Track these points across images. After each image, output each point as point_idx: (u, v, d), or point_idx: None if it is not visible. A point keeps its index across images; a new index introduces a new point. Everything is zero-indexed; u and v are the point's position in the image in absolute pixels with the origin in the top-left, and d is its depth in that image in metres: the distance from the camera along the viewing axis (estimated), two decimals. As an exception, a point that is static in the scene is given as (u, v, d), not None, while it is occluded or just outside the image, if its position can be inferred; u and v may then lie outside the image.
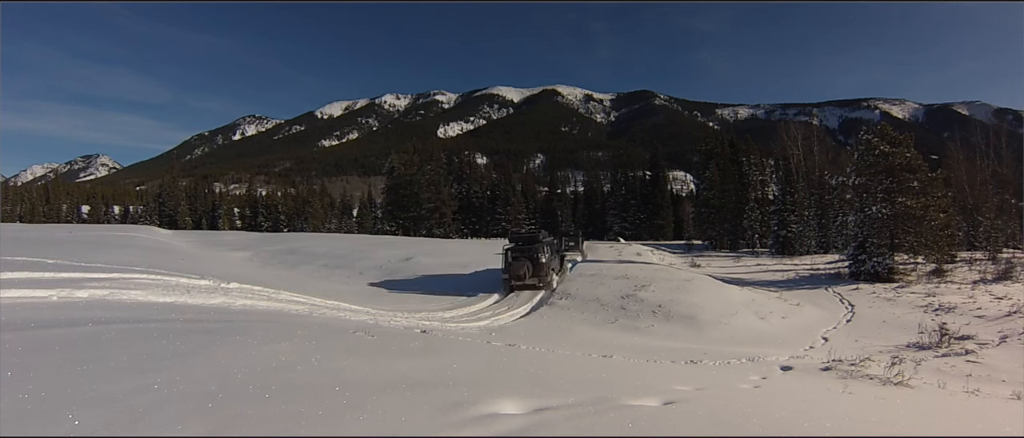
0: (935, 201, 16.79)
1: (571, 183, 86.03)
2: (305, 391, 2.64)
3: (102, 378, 2.46)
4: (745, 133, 59.48)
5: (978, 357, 8.87)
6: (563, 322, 11.03)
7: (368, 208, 74.03)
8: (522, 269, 14.05)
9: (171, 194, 66.19)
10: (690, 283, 14.33)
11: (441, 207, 49.82)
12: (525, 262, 14.20)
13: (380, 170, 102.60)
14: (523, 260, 14.25)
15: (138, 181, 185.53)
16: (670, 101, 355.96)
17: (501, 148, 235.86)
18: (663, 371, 5.68)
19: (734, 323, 11.12)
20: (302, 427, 2.19)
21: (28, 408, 2.03)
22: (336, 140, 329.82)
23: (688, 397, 3.83)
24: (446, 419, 2.50)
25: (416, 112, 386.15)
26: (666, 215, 57.65)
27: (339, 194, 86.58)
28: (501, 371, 3.94)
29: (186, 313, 4.50)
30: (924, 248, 16.89)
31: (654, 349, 8.43)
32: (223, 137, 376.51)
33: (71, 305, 4.47)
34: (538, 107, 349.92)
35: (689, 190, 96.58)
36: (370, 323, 6.46)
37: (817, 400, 4.71)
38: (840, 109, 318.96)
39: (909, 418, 4.35)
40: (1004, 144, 26.47)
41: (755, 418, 3.39)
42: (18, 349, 2.78)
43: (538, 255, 14.44)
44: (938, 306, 13.02)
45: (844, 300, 14.51)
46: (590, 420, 2.76)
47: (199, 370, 2.77)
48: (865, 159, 17.76)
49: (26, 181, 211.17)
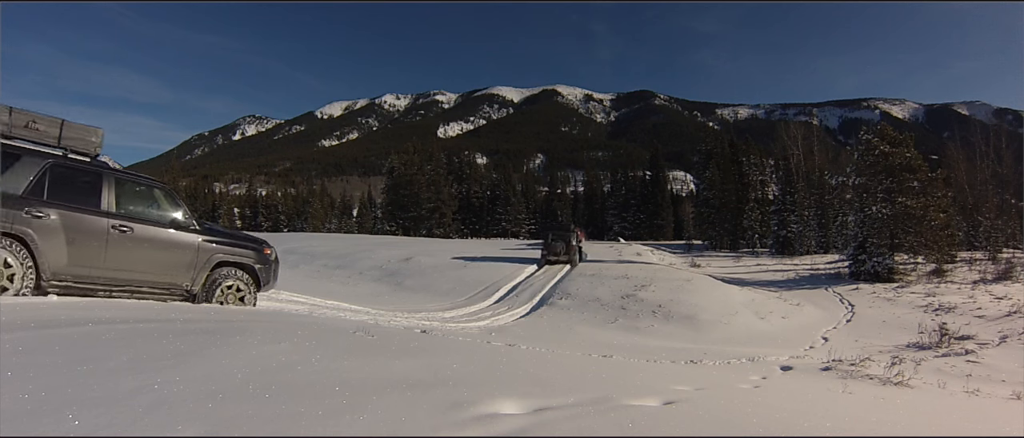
0: (935, 201, 16.80)
1: (571, 183, 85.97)
2: (305, 391, 2.64)
3: (102, 378, 2.46)
4: (745, 133, 59.57)
5: (978, 357, 8.87)
6: (563, 322, 11.03)
7: (368, 208, 74.09)
8: (558, 248, 19.12)
9: (171, 194, 66.16)
10: (690, 283, 14.34)
11: (441, 207, 49.84)
12: (561, 244, 19.23)
13: (380, 170, 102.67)
14: (560, 242, 19.25)
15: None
16: (670, 101, 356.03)
17: (501, 148, 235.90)
18: (663, 371, 5.68)
19: (734, 323, 11.12)
20: (302, 427, 2.19)
21: (28, 408, 2.03)
22: (336, 140, 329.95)
23: (688, 397, 3.83)
24: (446, 419, 2.50)
25: (416, 112, 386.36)
26: (666, 215, 57.66)
27: (339, 194, 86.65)
28: (501, 371, 3.94)
29: (186, 313, 4.50)
30: (924, 248, 16.91)
31: (654, 349, 8.43)
32: (223, 137, 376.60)
33: (71, 305, 4.46)
34: (538, 107, 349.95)
35: (689, 190, 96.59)
36: (370, 323, 6.46)
37: (817, 400, 4.72)
38: (840, 109, 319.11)
39: (909, 418, 4.35)
40: (1004, 144, 26.44)
41: (755, 418, 3.39)
42: (18, 349, 2.78)
43: (570, 240, 19.43)
44: (938, 306, 13.03)
45: (844, 300, 14.51)
46: (590, 420, 2.76)
47: (199, 370, 2.78)
48: (865, 159, 17.77)
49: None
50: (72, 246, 4.52)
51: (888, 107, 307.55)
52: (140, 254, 4.97)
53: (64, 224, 4.48)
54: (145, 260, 5.03)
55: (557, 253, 18.94)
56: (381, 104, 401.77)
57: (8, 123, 4.57)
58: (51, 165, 4.55)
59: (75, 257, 4.55)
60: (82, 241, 4.59)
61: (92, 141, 5.11)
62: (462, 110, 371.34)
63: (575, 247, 19.48)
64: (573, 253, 19.12)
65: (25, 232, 4.22)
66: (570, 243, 19.25)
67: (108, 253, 4.74)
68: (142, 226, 4.99)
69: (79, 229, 4.57)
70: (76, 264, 4.57)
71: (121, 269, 4.87)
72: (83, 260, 4.61)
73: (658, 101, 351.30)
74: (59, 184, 4.55)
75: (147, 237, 5.01)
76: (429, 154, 54.32)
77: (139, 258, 4.98)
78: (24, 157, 4.44)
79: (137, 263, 4.97)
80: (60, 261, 4.47)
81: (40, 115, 4.84)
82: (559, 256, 18.89)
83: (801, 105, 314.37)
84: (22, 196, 4.31)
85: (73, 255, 4.53)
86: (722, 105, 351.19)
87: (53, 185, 4.51)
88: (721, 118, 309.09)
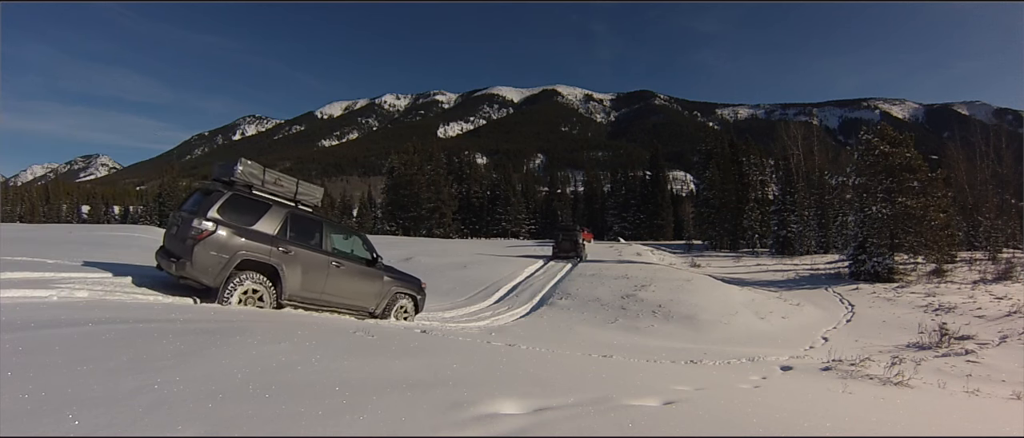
0: (935, 201, 16.79)
1: (571, 183, 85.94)
2: (305, 391, 2.64)
3: (102, 378, 2.46)
4: (745, 133, 59.51)
5: (978, 357, 8.87)
6: (563, 322, 11.02)
7: (368, 208, 74.02)
8: (567, 245, 22.30)
9: (171, 194, 66.13)
10: (690, 283, 14.33)
11: (441, 207, 49.83)
12: (569, 241, 22.46)
13: (380, 170, 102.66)
14: (568, 240, 22.53)
15: (138, 181, 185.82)
16: (670, 101, 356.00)
17: (501, 148, 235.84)
18: (663, 371, 5.68)
19: (734, 323, 11.11)
20: (302, 427, 2.19)
21: (28, 408, 2.03)
22: (336, 140, 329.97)
23: (688, 397, 3.83)
24: (446, 419, 2.50)
25: (416, 112, 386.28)
26: (666, 215, 57.65)
27: (339, 194, 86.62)
28: (501, 371, 3.94)
29: (186, 313, 4.50)
30: (924, 248, 16.89)
31: (654, 349, 8.42)
32: (223, 137, 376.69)
33: (71, 305, 4.46)
34: (538, 107, 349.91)
35: (689, 190, 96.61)
36: (370, 323, 6.47)
37: (817, 400, 4.71)
38: (840, 109, 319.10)
39: (909, 418, 4.35)
40: (1004, 144, 26.43)
41: (755, 418, 3.39)
42: (18, 349, 2.78)
43: (576, 238, 22.78)
44: (938, 306, 13.02)
45: (844, 300, 14.51)
46: (590, 420, 2.76)
47: (199, 370, 2.77)
48: (865, 159, 17.76)
49: (26, 181, 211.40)
50: (305, 275, 6.08)
51: (888, 107, 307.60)
52: (347, 284, 6.63)
53: (300, 259, 6.04)
54: (350, 289, 6.71)
55: (566, 250, 22.26)
56: (381, 104, 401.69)
57: (262, 180, 6.20)
58: (290, 213, 6.15)
59: (306, 283, 6.12)
60: (311, 272, 6.16)
61: (316, 196, 6.89)
62: (462, 110, 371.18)
63: (581, 244, 22.95)
64: (580, 249, 22.63)
65: (277, 264, 5.82)
66: (576, 241, 22.69)
67: (327, 281, 6.35)
68: (349, 263, 6.68)
69: (310, 263, 6.14)
70: (305, 288, 6.15)
71: (334, 294, 6.50)
72: (310, 286, 6.19)
73: (658, 101, 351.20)
74: (295, 228, 6.12)
75: (352, 272, 6.70)
76: (429, 154, 54.31)
77: (346, 287, 6.64)
78: (273, 207, 6.02)
79: (344, 290, 6.63)
80: (296, 285, 6.02)
81: (282, 175, 6.54)
82: (568, 252, 22.19)
83: (801, 105, 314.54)
84: (275, 236, 5.88)
85: (305, 281, 6.10)
86: (722, 105, 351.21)
87: (292, 229, 6.08)
88: (721, 118, 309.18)
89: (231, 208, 5.67)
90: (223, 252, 5.49)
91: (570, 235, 22.96)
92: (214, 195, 5.68)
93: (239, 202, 5.78)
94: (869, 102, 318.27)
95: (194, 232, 5.38)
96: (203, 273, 5.43)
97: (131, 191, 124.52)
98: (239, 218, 5.70)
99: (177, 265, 5.44)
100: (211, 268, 5.44)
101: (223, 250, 5.49)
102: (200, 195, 5.96)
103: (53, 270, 6.29)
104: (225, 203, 5.63)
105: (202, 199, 5.76)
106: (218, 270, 5.47)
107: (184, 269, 5.41)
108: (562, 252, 22.17)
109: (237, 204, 5.75)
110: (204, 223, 5.41)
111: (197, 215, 5.48)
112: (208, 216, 5.45)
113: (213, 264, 5.43)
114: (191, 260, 5.34)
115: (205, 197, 5.74)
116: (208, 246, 5.40)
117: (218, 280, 5.51)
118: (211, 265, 5.43)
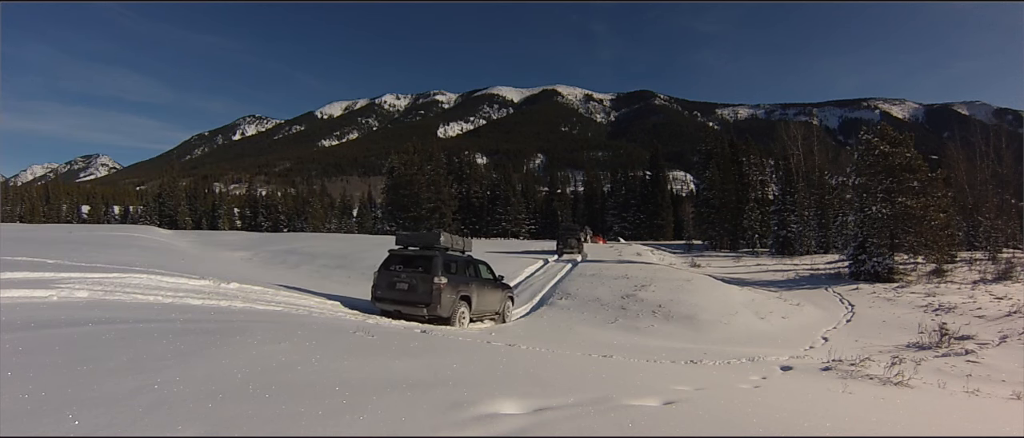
0: (935, 201, 16.78)
1: (571, 183, 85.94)
2: (305, 391, 2.64)
3: (102, 378, 2.46)
4: (745, 133, 59.48)
5: (978, 357, 8.86)
6: (563, 322, 11.02)
7: (368, 208, 74.06)
8: (572, 243, 24.79)
9: (171, 194, 66.18)
10: (690, 283, 14.33)
11: (441, 207, 49.77)
12: (573, 240, 25.01)
13: (380, 170, 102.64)
14: (572, 239, 25.08)
15: (138, 181, 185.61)
16: (670, 101, 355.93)
17: (501, 148, 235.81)
18: (663, 371, 5.68)
19: (734, 323, 11.11)
20: (302, 427, 2.19)
21: (28, 408, 2.03)
22: (336, 140, 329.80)
23: (688, 397, 3.83)
24: (446, 419, 2.50)
25: (416, 112, 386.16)
26: (666, 215, 57.63)
27: (339, 194, 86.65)
28: (501, 371, 3.94)
29: (186, 313, 4.49)
30: (924, 248, 16.88)
31: (654, 349, 8.42)
32: (223, 137, 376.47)
33: (71, 305, 4.46)
34: (538, 107, 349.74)
35: (689, 190, 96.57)
36: (370, 323, 6.46)
37: (817, 400, 4.71)
38: (840, 109, 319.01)
39: (909, 418, 4.35)
40: (1004, 144, 26.40)
41: (755, 418, 3.39)
42: (18, 349, 2.78)
43: (579, 237, 25.91)
44: (938, 306, 13.02)
45: (844, 300, 14.50)
46: (590, 420, 2.76)
47: (199, 370, 2.77)
48: (865, 159, 17.74)
49: (26, 181, 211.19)
50: (478, 297, 9.36)
51: (888, 107, 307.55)
52: (491, 298, 9.97)
53: (475, 288, 9.31)
54: (492, 300, 10.05)
55: (571, 247, 24.76)
56: (381, 104, 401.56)
57: (451, 243, 9.57)
58: (467, 260, 9.74)
59: (478, 303, 9.36)
60: (480, 295, 9.47)
61: (471, 245, 10.48)
62: (462, 110, 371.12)
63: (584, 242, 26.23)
64: (582, 246, 25.41)
65: (470, 294, 9.07)
66: (580, 239, 25.67)
67: (484, 299, 9.61)
68: (490, 285, 10.07)
69: (479, 289, 9.47)
70: (478, 306, 9.36)
71: (487, 307, 9.82)
72: (480, 304, 9.48)
73: (658, 101, 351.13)
74: (469, 269, 9.59)
75: (491, 289, 10.06)
76: (429, 154, 54.22)
77: (491, 300, 9.98)
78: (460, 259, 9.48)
79: (490, 303, 9.96)
80: (475, 305, 9.23)
81: (455, 236, 9.94)
82: (573, 249, 24.63)
83: (801, 105, 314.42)
84: (468, 276, 9.39)
85: (478, 302, 9.33)
86: (722, 105, 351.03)
87: (468, 270, 9.53)
88: (721, 118, 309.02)
89: (443, 265, 8.62)
90: (452, 294, 8.54)
91: (574, 233, 26.10)
92: (436, 259, 8.59)
93: (447, 260, 8.87)
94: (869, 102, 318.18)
95: (436, 286, 8.26)
96: (445, 310, 8.41)
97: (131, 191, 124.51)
98: (449, 271, 8.73)
99: (428, 309, 8.26)
100: (447, 306, 8.44)
101: (452, 293, 8.56)
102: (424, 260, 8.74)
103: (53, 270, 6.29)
104: (442, 263, 8.60)
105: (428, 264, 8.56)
106: (451, 306, 8.54)
107: (435, 311, 8.27)
108: (568, 249, 24.69)
109: (446, 262, 8.79)
110: (441, 279, 8.36)
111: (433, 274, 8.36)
112: (440, 273, 8.40)
113: (448, 302, 8.45)
114: (440, 304, 8.27)
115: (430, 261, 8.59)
116: (445, 293, 8.37)
117: (451, 311, 8.53)
118: (447, 303, 8.43)
